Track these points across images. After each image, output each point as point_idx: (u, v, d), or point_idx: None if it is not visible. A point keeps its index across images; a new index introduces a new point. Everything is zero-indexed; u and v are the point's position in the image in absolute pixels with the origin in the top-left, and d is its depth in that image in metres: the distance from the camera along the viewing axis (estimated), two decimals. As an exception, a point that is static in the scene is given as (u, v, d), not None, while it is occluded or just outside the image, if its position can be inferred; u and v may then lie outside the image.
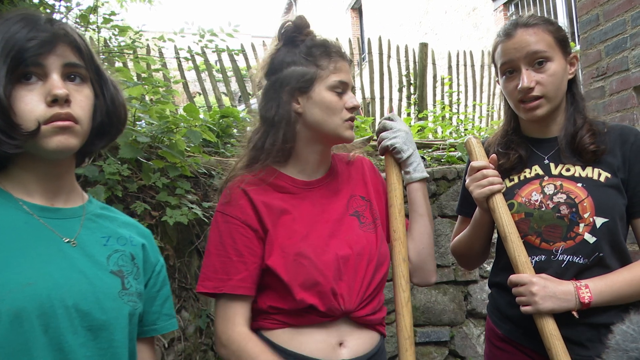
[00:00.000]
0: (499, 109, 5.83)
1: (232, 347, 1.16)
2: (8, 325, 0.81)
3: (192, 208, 2.26)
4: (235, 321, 1.17)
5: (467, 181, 1.35)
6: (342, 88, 1.24)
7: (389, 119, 1.38)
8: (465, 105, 5.67)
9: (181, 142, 2.33)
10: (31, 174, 0.92)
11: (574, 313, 1.21)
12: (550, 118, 1.34)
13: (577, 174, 1.29)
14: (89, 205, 1.01)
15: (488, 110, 5.74)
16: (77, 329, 0.86)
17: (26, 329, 0.82)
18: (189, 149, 2.56)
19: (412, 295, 2.97)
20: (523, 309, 1.23)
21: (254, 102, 4.68)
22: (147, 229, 1.10)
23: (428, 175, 1.36)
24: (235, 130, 3.14)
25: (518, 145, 1.37)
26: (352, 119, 1.25)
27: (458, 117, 5.42)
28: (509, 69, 1.32)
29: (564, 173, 1.30)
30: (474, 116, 5.64)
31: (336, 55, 1.25)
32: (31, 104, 0.85)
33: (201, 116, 2.94)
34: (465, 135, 4.65)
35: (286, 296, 1.17)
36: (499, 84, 1.40)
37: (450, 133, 4.92)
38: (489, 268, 3.19)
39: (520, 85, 1.27)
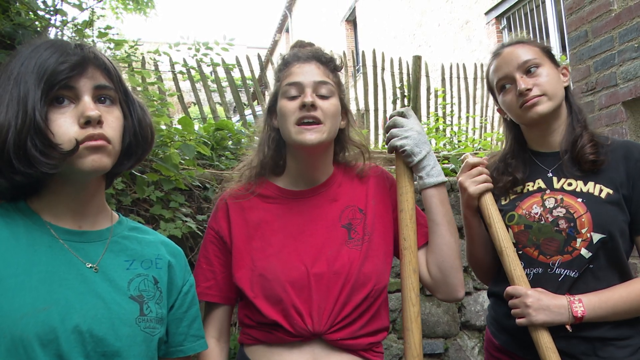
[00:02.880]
0: (492, 120, 5.88)
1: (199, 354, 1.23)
2: (21, 348, 0.81)
3: (186, 221, 2.27)
4: (206, 330, 1.23)
5: (461, 178, 1.37)
6: (296, 89, 1.16)
7: (402, 114, 1.27)
8: (459, 117, 5.71)
9: (175, 155, 2.33)
10: (61, 197, 0.94)
11: (568, 327, 1.22)
12: (552, 128, 1.36)
13: (578, 189, 1.30)
14: (117, 226, 1.02)
15: (481, 122, 5.78)
16: (90, 354, 0.87)
17: (38, 353, 0.82)
18: (183, 162, 2.57)
19: (405, 308, 2.98)
20: (518, 320, 1.25)
21: (249, 113, 4.70)
22: (179, 248, 1.10)
23: (446, 180, 1.24)
24: (230, 143, 3.15)
25: (515, 169, 1.39)
26: (305, 119, 1.14)
27: (451, 129, 5.46)
28: (505, 83, 1.35)
29: (566, 187, 1.32)
30: (467, 128, 5.68)
31: (293, 60, 1.20)
32: (64, 125, 0.87)
33: (196, 128, 2.95)
34: (459, 147, 4.68)
35: (254, 309, 1.18)
36: (500, 112, 1.44)
37: (444, 145, 4.95)
38: (482, 280, 3.21)
39: (518, 89, 1.30)
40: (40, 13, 2.18)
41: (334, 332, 1.15)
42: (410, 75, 5.26)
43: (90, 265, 0.92)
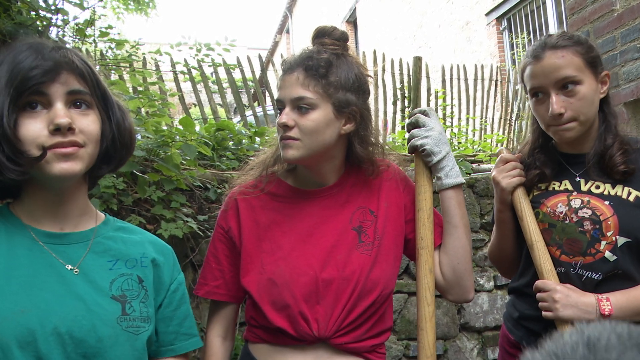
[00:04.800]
0: (492, 122, 5.88)
1: (204, 349, 1.24)
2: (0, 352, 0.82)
3: (187, 221, 2.27)
4: (211, 326, 1.25)
5: (494, 173, 1.37)
6: (280, 105, 1.17)
7: (424, 112, 1.26)
8: (459, 119, 5.70)
9: (177, 155, 2.33)
10: (39, 202, 0.94)
11: None
12: (582, 136, 1.32)
13: (606, 192, 1.29)
14: (102, 227, 1.01)
15: (481, 124, 5.78)
16: (70, 356, 0.87)
17: (16, 355, 0.82)
18: (184, 162, 2.57)
19: (405, 308, 2.97)
20: (544, 314, 1.25)
21: (250, 114, 4.70)
22: (168, 246, 1.09)
23: (464, 181, 1.24)
24: (231, 143, 3.15)
25: (543, 164, 1.37)
26: (282, 139, 1.14)
27: (452, 130, 5.46)
28: (538, 92, 1.31)
29: (593, 190, 1.31)
30: (467, 129, 5.68)
31: (283, 70, 1.19)
32: (33, 130, 0.87)
33: (197, 129, 2.95)
34: (459, 148, 4.68)
35: (260, 313, 1.17)
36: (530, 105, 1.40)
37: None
38: (482, 281, 3.20)
39: (550, 112, 1.26)
40: (42, 12, 2.18)
41: (339, 336, 1.14)
42: (411, 76, 5.26)
43: (70, 267, 0.92)
